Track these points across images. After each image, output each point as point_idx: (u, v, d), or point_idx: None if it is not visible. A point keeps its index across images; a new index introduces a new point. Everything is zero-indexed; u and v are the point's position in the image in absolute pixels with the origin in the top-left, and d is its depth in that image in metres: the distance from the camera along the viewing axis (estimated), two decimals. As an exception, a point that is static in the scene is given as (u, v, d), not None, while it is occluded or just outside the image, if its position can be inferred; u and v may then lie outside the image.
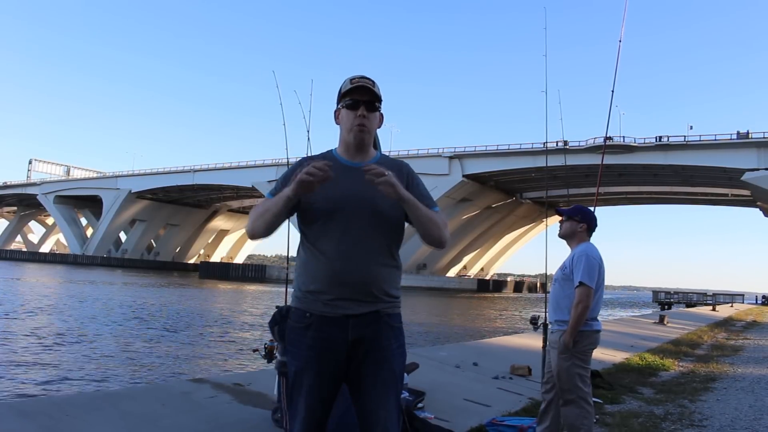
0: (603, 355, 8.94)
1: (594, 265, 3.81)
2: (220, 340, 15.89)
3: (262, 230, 2.08)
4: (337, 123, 2.19)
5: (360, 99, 2.11)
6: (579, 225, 4.00)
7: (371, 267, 2.06)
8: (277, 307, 3.35)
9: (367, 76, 2.15)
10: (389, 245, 2.12)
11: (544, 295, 4.96)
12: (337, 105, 2.18)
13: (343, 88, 2.15)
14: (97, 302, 24.92)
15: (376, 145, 3.64)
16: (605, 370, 7.66)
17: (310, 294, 2.09)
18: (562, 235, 4.07)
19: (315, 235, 2.09)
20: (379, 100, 2.14)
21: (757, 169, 55.16)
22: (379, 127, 2.23)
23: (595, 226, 4.11)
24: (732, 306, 46.20)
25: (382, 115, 2.20)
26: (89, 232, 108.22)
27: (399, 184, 1.99)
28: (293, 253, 2.09)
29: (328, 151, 2.22)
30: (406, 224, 2.18)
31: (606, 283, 4.01)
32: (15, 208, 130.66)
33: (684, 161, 60.08)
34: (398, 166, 2.20)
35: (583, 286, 3.74)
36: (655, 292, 63.00)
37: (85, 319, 18.33)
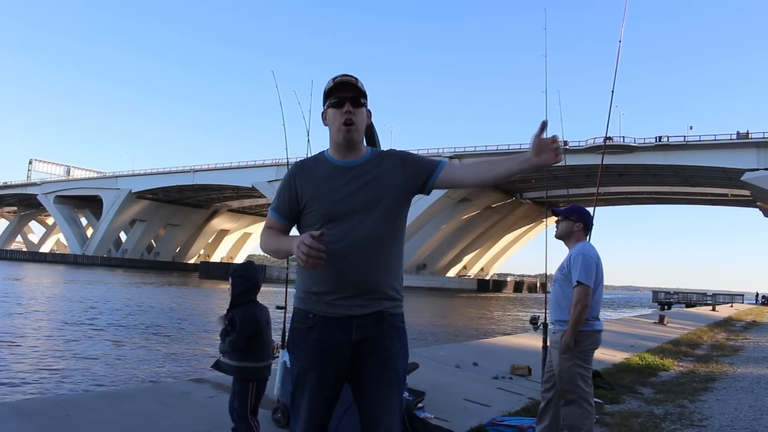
0: (603, 355, 8.94)
1: (591, 264, 3.81)
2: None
3: (277, 258, 2.21)
4: (326, 124, 2.16)
5: (344, 96, 2.09)
6: (575, 224, 4.00)
7: (373, 266, 2.06)
8: (222, 315, 3.38)
9: (350, 73, 2.12)
10: (390, 244, 2.11)
11: (544, 295, 4.96)
12: (323, 107, 2.16)
13: (327, 87, 2.13)
14: (97, 302, 24.90)
15: (376, 142, 3.64)
16: (605, 370, 7.66)
17: (313, 295, 2.09)
18: (559, 236, 4.08)
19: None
20: (364, 95, 2.12)
21: (757, 169, 55.10)
22: (368, 122, 2.20)
23: (592, 225, 4.12)
24: (732, 306, 46.06)
25: (369, 110, 2.18)
26: (89, 232, 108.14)
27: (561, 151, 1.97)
28: (294, 253, 2.09)
29: (320, 153, 2.20)
30: (407, 222, 2.19)
31: (606, 283, 4.01)
32: (15, 208, 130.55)
33: (684, 161, 60.03)
34: (387, 156, 2.18)
35: (580, 285, 3.75)
36: (655, 292, 62.81)
37: (85, 319, 18.32)
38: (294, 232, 2.22)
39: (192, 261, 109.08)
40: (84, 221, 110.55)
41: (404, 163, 2.16)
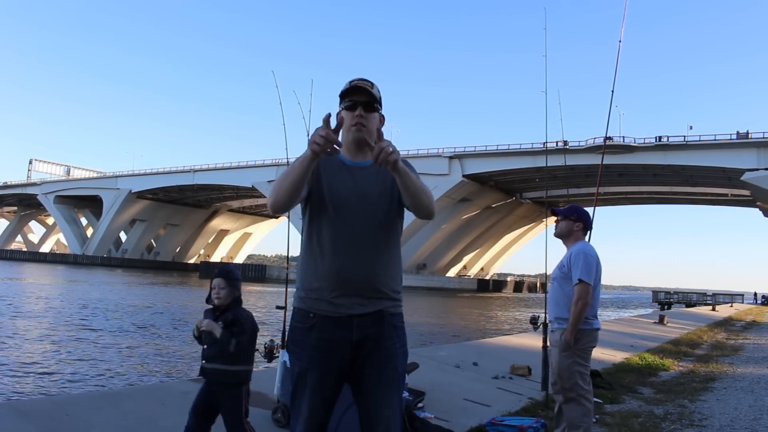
0: (603, 355, 8.94)
1: (591, 263, 3.85)
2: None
3: (286, 197, 2.01)
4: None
5: (358, 100, 2.14)
6: (575, 224, 4.03)
7: (374, 265, 2.08)
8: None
9: (367, 78, 2.19)
10: (392, 243, 2.14)
11: (544, 295, 4.97)
12: (339, 108, 2.21)
13: (342, 90, 2.18)
14: (97, 302, 24.90)
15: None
16: (605, 370, 7.66)
17: (313, 293, 2.10)
18: (558, 235, 4.10)
19: (318, 234, 2.11)
20: (378, 101, 2.17)
21: (757, 169, 55.14)
22: (381, 127, 2.24)
23: (591, 224, 4.15)
24: (732, 306, 46.01)
25: (382, 116, 2.23)
26: (89, 232, 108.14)
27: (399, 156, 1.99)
28: (293, 253, 2.09)
29: None
30: (407, 222, 2.20)
31: (606, 283, 4.05)
32: (15, 208, 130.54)
33: (684, 161, 60.07)
34: None
35: (582, 283, 3.78)
36: (655, 292, 62.69)
37: (85, 319, 18.32)
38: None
39: (192, 261, 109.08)
40: (84, 221, 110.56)
41: None
